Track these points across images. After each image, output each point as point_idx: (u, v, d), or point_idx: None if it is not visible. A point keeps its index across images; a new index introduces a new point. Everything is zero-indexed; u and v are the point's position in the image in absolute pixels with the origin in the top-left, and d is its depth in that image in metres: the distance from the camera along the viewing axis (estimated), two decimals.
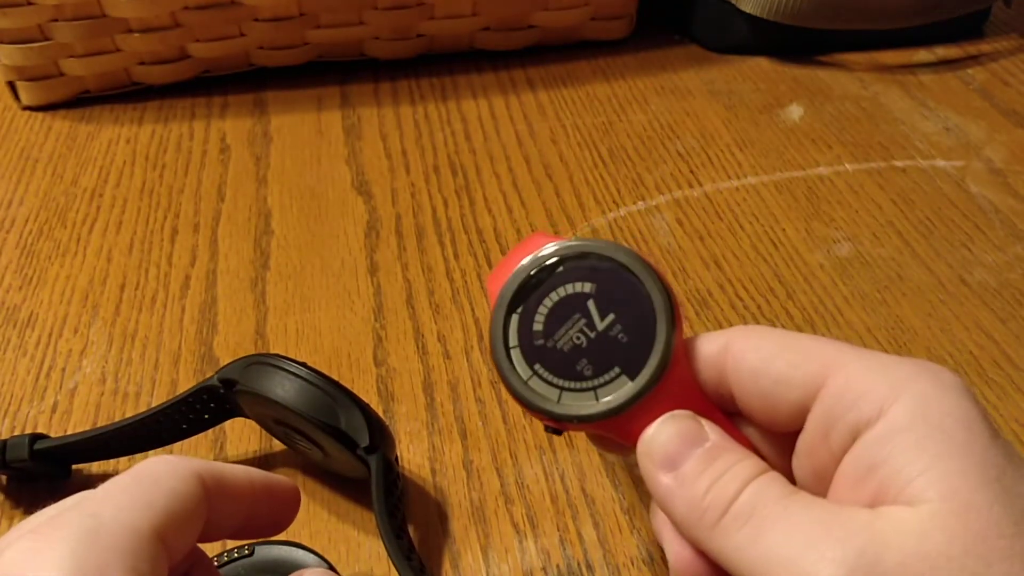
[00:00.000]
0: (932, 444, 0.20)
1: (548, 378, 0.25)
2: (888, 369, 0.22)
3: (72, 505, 0.21)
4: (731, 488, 0.22)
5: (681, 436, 0.23)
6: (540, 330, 0.25)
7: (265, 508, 0.26)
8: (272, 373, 0.33)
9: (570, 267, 0.25)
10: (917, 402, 0.21)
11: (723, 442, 0.23)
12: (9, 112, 0.59)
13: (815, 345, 0.23)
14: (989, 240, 0.48)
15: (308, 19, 0.59)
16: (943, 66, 0.63)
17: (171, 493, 0.22)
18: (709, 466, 0.23)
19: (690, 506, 0.22)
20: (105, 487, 0.22)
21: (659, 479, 0.23)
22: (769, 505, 0.21)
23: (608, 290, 0.24)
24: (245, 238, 0.49)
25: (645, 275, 0.24)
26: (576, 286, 0.25)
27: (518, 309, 0.25)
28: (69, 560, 0.19)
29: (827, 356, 0.23)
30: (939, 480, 0.19)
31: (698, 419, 0.24)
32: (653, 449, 0.23)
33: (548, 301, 0.25)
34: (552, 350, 0.25)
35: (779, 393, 0.23)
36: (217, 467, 0.24)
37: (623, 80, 0.62)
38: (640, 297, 0.24)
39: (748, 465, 0.22)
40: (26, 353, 0.42)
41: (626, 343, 0.24)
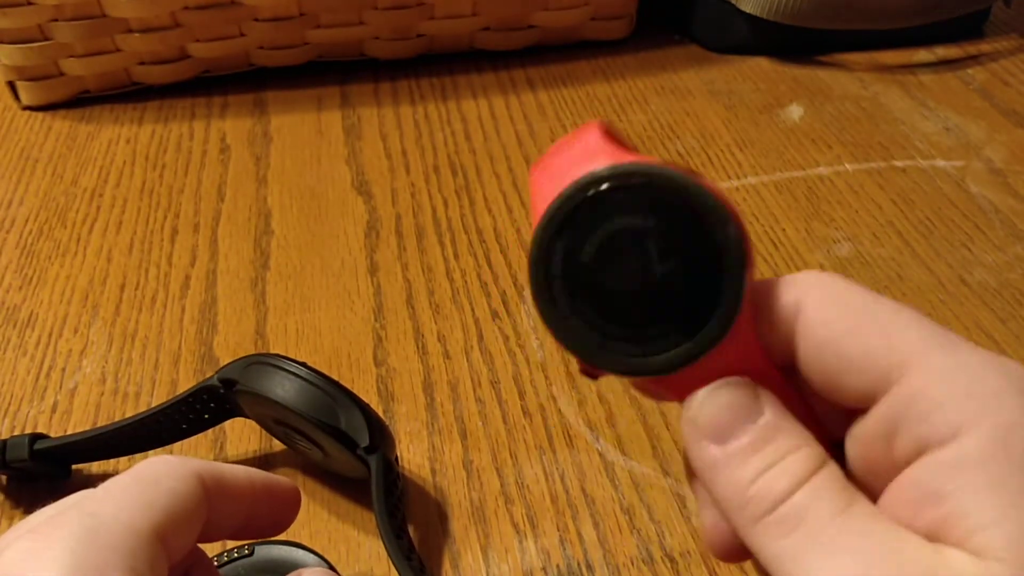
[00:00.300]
0: (1010, 490, 0.18)
1: (591, 318, 0.21)
2: (976, 379, 0.19)
3: (71, 505, 0.21)
4: (782, 484, 0.20)
5: (734, 408, 0.21)
6: (588, 263, 0.21)
7: (265, 508, 0.26)
8: (272, 373, 0.33)
9: (633, 195, 0.21)
10: (1000, 431, 0.18)
11: (779, 422, 0.21)
12: (9, 112, 0.59)
13: (896, 324, 0.20)
14: (989, 240, 0.48)
15: (308, 19, 0.59)
16: (943, 66, 0.63)
17: (171, 493, 0.22)
18: (761, 449, 0.20)
19: (734, 490, 0.20)
20: (105, 487, 0.22)
21: (704, 449, 0.21)
22: (822, 518, 0.19)
23: (672, 228, 0.21)
24: (245, 238, 0.49)
25: (719, 218, 0.20)
26: (636, 219, 0.21)
27: (566, 234, 0.21)
28: (68, 560, 0.19)
29: (908, 345, 0.20)
30: (1014, 537, 0.17)
31: (756, 390, 0.21)
32: (700, 416, 0.21)
33: (601, 232, 0.21)
34: (600, 288, 0.21)
35: (847, 375, 0.20)
36: (217, 467, 0.24)
37: (623, 80, 0.62)
38: (708, 242, 0.20)
39: (804, 458, 0.20)
40: (26, 353, 0.42)
41: (686, 292, 0.21)
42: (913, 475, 0.19)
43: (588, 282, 0.21)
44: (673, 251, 0.21)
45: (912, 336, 0.20)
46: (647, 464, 0.37)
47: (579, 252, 0.21)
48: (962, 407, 0.19)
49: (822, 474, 0.20)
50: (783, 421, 0.21)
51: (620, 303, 0.21)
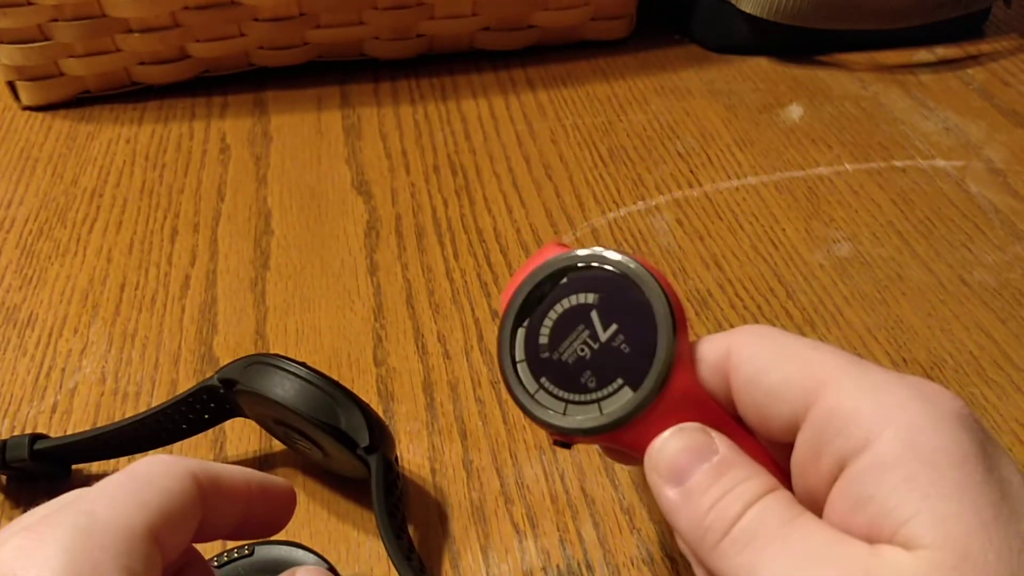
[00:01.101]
0: (922, 482, 0.19)
1: (554, 391, 0.24)
2: (880, 392, 0.21)
3: (66, 503, 0.21)
4: (733, 509, 0.21)
5: (688, 450, 0.23)
6: (546, 343, 0.24)
7: (261, 509, 0.26)
8: (272, 373, 0.33)
9: (574, 278, 0.24)
10: (906, 433, 0.20)
11: (732, 456, 0.22)
12: (9, 112, 0.59)
13: (813, 356, 0.22)
14: (989, 240, 0.48)
15: (308, 19, 0.59)
16: (943, 66, 0.63)
17: (166, 492, 0.22)
18: (715, 483, 0.22)
19: (693, 524, 0.22)
20: (100, 486, 0.22)
21: (665, 493, 0.23)
22: (770, 531, 0.20)
23: (611, 300, 0.24)
24: (245, 238, 0.49)
25: (646, 284, 0.24)
26: (580, 297, 0.24)
27: (524, 323, 0.25)
28: (63, 558, 0.19)
29: (822, 371, 0.22)
30: (934, 525, 0.19)
31: (707, 431, 0.23)
32: (659, 462, 0.23)
33: (553, 313, 0.24)
34: (557, 363, 0.24)
35: (772, 406, 0.22)
36: (213, 467, 0.24)
37: (623, 80, 0.62)
38: (642, 306, 0.23)
39: (754, 484, 0.22)
40: (26, 353, 0.42)
41: (628, 353, 0.23)
42: (841, 486, 0.21)
43: (547, 360, 0.24)
44: (614, 319, 0.24)
45: (824, 363, 0.22)
46: None
47: (537, 335, 0.24)
48: (872, 417, 0.20)
49: (770, 496, 0.21)
50: (735, 456, 0.22)
51: (576, 374, 0.24)
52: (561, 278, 0.24)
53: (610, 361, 0.24)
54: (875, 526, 0.20)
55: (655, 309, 0.23)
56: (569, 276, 0.24)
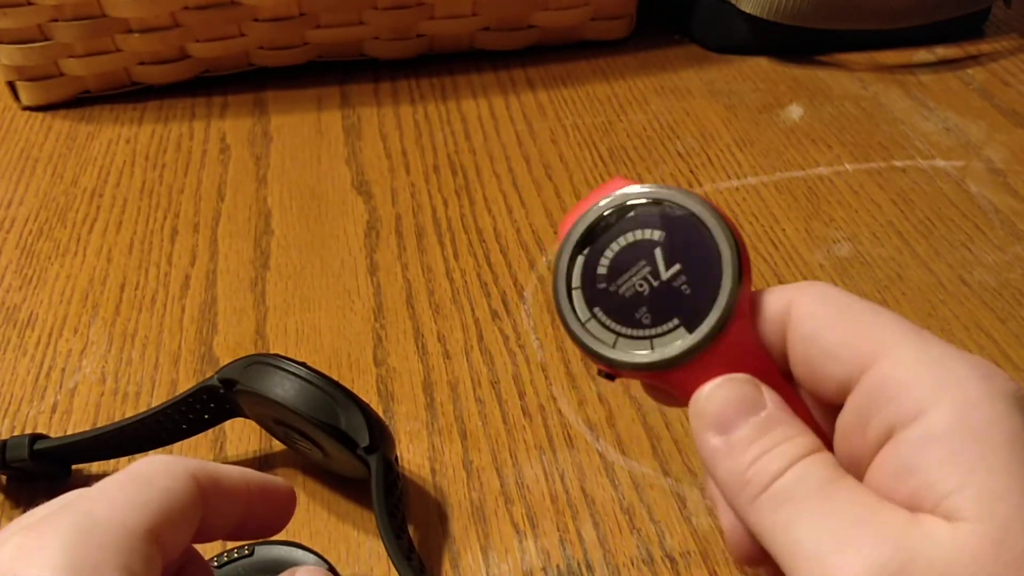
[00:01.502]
0: (970, 457, 0.19)
1: (606, 322, 0.24)
2: (938, 364, 0.21)
3: (66, 503, 0.21)
4: (776, 464, 0.21)
5: (737, 402, 0.22)
6: (604, 274, 0.24)
7: (261, 509, 0.26)
8: (272, 373, 0.33)
9: (641, 212, 0.24)
10: (960, 408, 0.20)
11: (780, 414, 0.22)
12: (9, 112, 0.59)
13: (874, 321, 0.22)
14: (989, 240, 0.48)
15: (308, 19, 0.59)
16: (943, 66, 0.63)
17: (166, 492, 0.22)
18: (760, 437, 0.22)
19: (734, 474, 0.22)
20: (100, 485, 0.22)
21: (708, 439, 0.22)
22: (809, 491, 0.20)
23: (677, 239, 0.24)
24: (245, 238, 0.49)
25: (716, 227, 0.23)
26: (645, 232, 0.24)
27: (584, 250, 0.24)
28: (63, 558, 0.19)
29: (882, 337, 0.21)
30: (977, 499, 0.19)
31: (758, 385, 0.23)
32: (706, 409, 0.23)
33: (615, 245, 0.24)
34: (614, 295, 0.24)
35: (826, 366, 0.22)
36: (212, 467, 0.24)
37: (623, 80, 0.62)
38: (708, 249, 0.23)
39: (800, 443, 0.21)
40: (26, 353, 0.42)
41: (689, 295, 0.23)
42: (886, 454, 0.21)
43: (603, 291, 0.24)
44: (678, 259, 0.23)
45: (885, 329, 0.21)
46: (647, 464, 0.37)
47: (596, 265, 0.24)
48: (926, 388, 0.20)
49: (813, 457, 0.21)
50: (782, 414, 0.22)
51: (631, 308, 0.24)
52: (628, 212, 0.24)
53: (669, 300, 0.23)
54: (917, 496, 0.20)
55: (722, 254, 0.23)
56: (637, 210, 0.24)
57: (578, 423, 0.39)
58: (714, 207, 0.23)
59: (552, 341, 0.42)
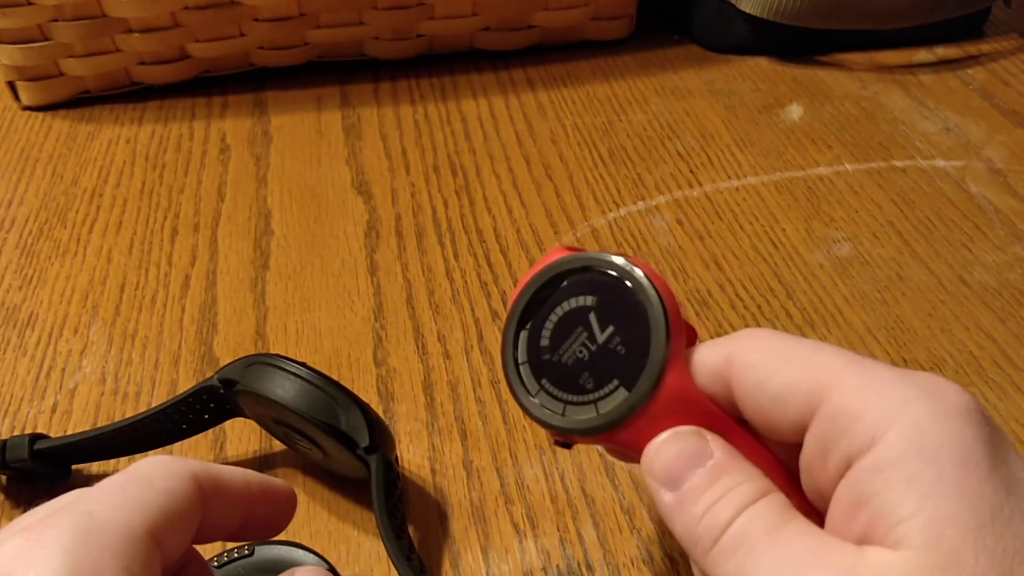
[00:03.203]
0: (922, 482, 0.19)
1: (554, 392, 0.25)
2: (885, 390, 0.21)
3: (66, 504, 0.21)
4: (724, 516, 0.21)
5: (683, 454, 0.23)
6: (547, 345, 0.25)
7: (261, 510, 0.26)
8: (272, 373, 0.33)
9: (574, 281, 0.25)
10: (911, 431, 0.20)
11: (726, 461, 0.22)
12: (9, 112, 0.59)
13: (816, 358, 0.22)
14: (989, 240, 0.48)
15: (308, 19, 0.59)
16: (943, 66, 0.63)
17: (166, 493, 0.22)
18: (708, 488, 0.22)
19: (687, 529, 0.22)
20: (100, 486, 0.22)
21: (661, 497, 0.23)
22: (757, 538, 0.21)
23: (608, 302, 0.24)
24: (245, 238, 0.49)
25: (641, 287, 0.24)
26: (579, 299, 0.25)
27: (527, 325, 0.25)
28: (62, 559, 0.19)
29: (826, 372, 0.22)
30: (927, 526, 0.19)
31: (704, 435, 0.23)
32: (654, 466, 0.23)
33: (554, 316, 0.25)
34: (558, 364, 0.25)
35: (777, 411, 0.22)
36: (213, 468, 0.24)
37: (623, 80, 0.62)
38: (638, 309, 0.24)
39: (746, 489, 0.22)
40: (26, 353, 0.42)
41: (624, 355, 0.24)
42: (844, 486, 0.21)
43: (548, 361, 0.25)
44: (611, 321, 0.24)
45: (828, 364, 0.22)
46: None
47: (539, 337, 0.25)
48: (877, 416, 0.20)
49: (762, 501, 0.21)
50: (730, 460, 0.22)
51: (575, 375, 0.25)
52: (562, 281, 0.25)
53: (607, 362, 0.24)
54: (873, 525, 0.20)
55: (649, 312, 0.24)
56: (569, 279, 0.25)
57: None
58: (639, 266, 0.24)
59: None
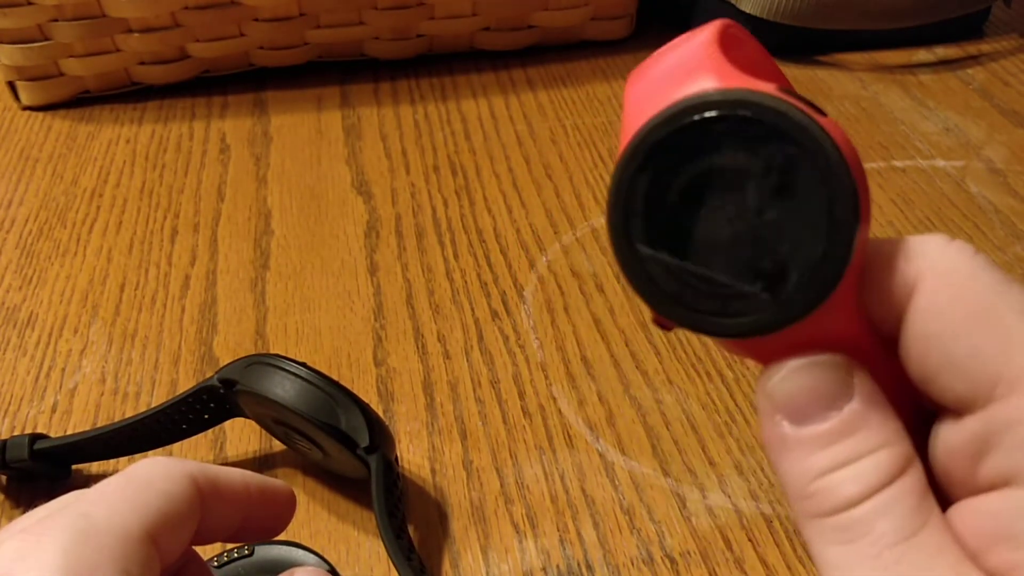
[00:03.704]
0: None
1: (671, 264, 0.19)
2: None
3: (64, 506, 0.21)
4: (850, 490, 0.18)
5: (818, 392, 0.18)
6: (676, 201, 0.18)
7: (260, 512, 0.26)
8: (272, 373, 0.33)
9: (736, 129, 0.18)
10: None
11: (867, 412, 0.18)
12: (9, 112, 0.59)
13: (1021, 335, 0.17)
14: (989, 240, 0.48)
15: (308, 19, 0.59)
16: (943, 66, 0.63)
17: (164, 495, 0.22)
18: (838, 441, 0.18)
19: (796, 478, 0.18)
20: (98, 488, 0.22)
21: (775, 425, 0.19)
22: (885, 540, 0.17)
23: (776, 172, 0.18)
24: (245, 238, 0.49)
25: (833, 166, 0.17)
26: (737, 157, 0.18)
27: (653, 168, 0.18)
28: (60, 561, 0.19)
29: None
30: None
31: (849, 371, 0.18)
32: (777, 392, 0.19)
33: (695, 168, 0.18)
34: (685, 232, 0.18)
35: (945, 376, 0.18)
36: (212, 470, 0.24)
37: (623, 80, 0.62)
38: (816, 193, 0.17)
39: (884, 460, 0.18)
40: (26, 353, 0.42)
41: (781, 249, 0.18)
42: (992, 506, 0.17)
43: (673, 224, 0.19)
44: (775, 198, 0.18)
45: None
46: (647, 464, 0.37)
47: (666, 190, 0.18)
48: None
49: (900, 483, 0.18)
50: (872, 412, 0.18)
51: (706, 252, 0.18)
52: (717, 123, 0.18)
53: (755, 250, 0.18)
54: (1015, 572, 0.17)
55: (834, 204, 0.17)
56: (729, 123, 0.18)
57: (578, 423, 0.39)
58: (835, 134, 0.17)
59: (552, 341, 0.42)
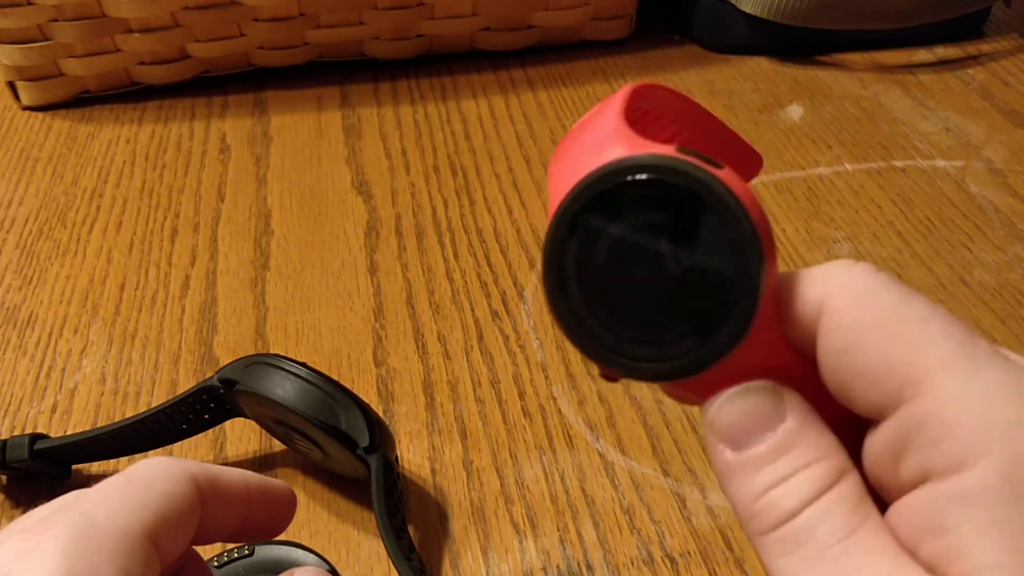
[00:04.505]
0: (1012, 530, 0.17)
1: (607, 321, 0.20)
2: (991, 406, 0.18)
3: (64, 506, 0.21)
4: (789, 503, 0.19)
5: (753, 416, 0.20)
6: (603, 262, 0.20)
7: (261, 511, 0.26)
8: (272, 373, 0.33)
9: (643, 190, 0.19)
10: (1007, 465, 0.17)
11: (801, 429, 0.20)
12: (9, 112, 0.59)
13: (923, 340, 0.19)
14: (989, 240, 0.48)
15: (308, 19, 0.59)
16: (943, 66, 0.63)
17: (164, 495, 0.22)
18: (776, 459, 0.19)
19: (743, 499, 0.20)
20: (98, 488, 0.22)
21: (719, 453, 0.20)
22: (826, 541, 0.18)
23: (683, 225, 0.19)
24: (245, 238, 0.49)
25: (733, 213, 0.19)
26: (649, 215, 0.19)
27: (577, 233, 0.20)
28: (60, 562, 0.19)
29: (928, 361, 0.18)
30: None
31: (779, 393, 0.20)
32: (717, 421, 0.20)
33: (613, 230, 0.20)
34: (615, 288, 0.20)
35: (859, 386, 0.19)
36: (212, 469, 0.24)
37: (623, 80, 0.62)
38: (721, 240, 0.19)
39: (820, 472, 0.19)
40: (26, 353, 0.42)
41: (701, 294, 0.19)
42: (916, 502, 0.19)
43: (603, 283, 0.20)
44: (687, 249, 0.19)
45: (935, 352, 0.19)
46: (647, 464, 0.37)
47: (593, 252, 0.20)
48: (972, 436, 0.18)
49: (835, 491, 0.19)
50: (805, 429, 0.20)
51: (636, 304, 0.20)
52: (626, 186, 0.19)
53: (679, 298, 0.20)
54: (944, 560, 0.18)
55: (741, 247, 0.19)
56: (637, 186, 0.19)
57: (578, 423, 0.39)
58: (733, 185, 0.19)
59: (552, 341, 0.42)
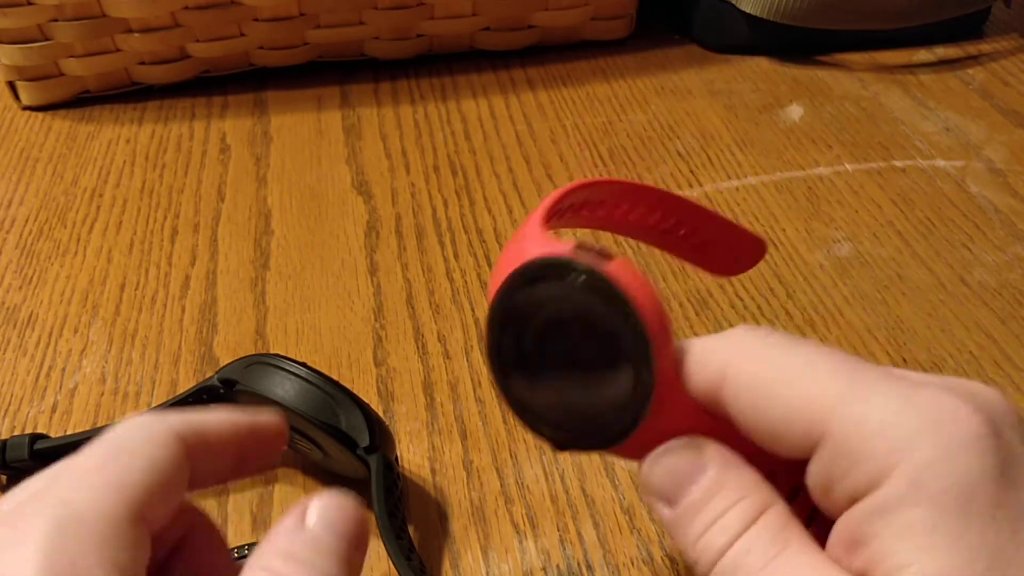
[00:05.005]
0: (921, 530, 0.18)
1: (551, 403, 0.23)
2: (890, 424, 0.19)
3: (42, 489, 0.20)
4: (719, 542, 0.21)
5: (676, 473, 0.22)
6: (533, 350, 0.22)
7: (252, 449, 0.25)
8: (272, 373, 0.33)
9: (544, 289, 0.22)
10: (914, 473, 0.19)
11: (722, 476, 0.22)
12: (9, 112, 0.59)
13: (815, 382, 0.21)
14: (989, 240, 0.48)
15: (308, 19, 0.59)
16: (943, 66, 0.63)
17: (149, 464, 0.21)
18: (705, 507, 0.21)
19: (685, 547, 0.22)
20: (75, 465, 0.21)
21: (658, 508, 0.22)
22: (753, 567, 0.20)
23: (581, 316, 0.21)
24: (245, 238, 0.49)
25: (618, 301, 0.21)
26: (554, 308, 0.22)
27: (507, 331, 0.23)
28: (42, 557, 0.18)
29: (826, 400, 0.20)
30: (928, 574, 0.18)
31: (698, 447, 0.22)
32: (649, 483, 0.22)
33: (535, 321, 0.22)
34: (550, 372, 0.23)
35: (778, 435, 0.21)
36: (197, 420, 0.23)
37: (623, 80, 0.62)
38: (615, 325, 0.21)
39: (744, 509, 0.21)
40: (26, 353, 0.42)
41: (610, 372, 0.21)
42: (848, 520, 0.20)
43: (539, 368, 0.22)
44: (590, 335, 0.21)
45: (828, 389, 0.20)
46: None
47: (522, 345, 0.22)
48: (877, 456, 0.19)
49: (759, 523, 0.21)
50: (726, 473, 0.22)
51: (568, 386, 0.22)
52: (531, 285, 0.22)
53: (594, 378, 0.22)
54: (871, 567, 0.19)
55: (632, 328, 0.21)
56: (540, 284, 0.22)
57: None
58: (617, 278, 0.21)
59: None
